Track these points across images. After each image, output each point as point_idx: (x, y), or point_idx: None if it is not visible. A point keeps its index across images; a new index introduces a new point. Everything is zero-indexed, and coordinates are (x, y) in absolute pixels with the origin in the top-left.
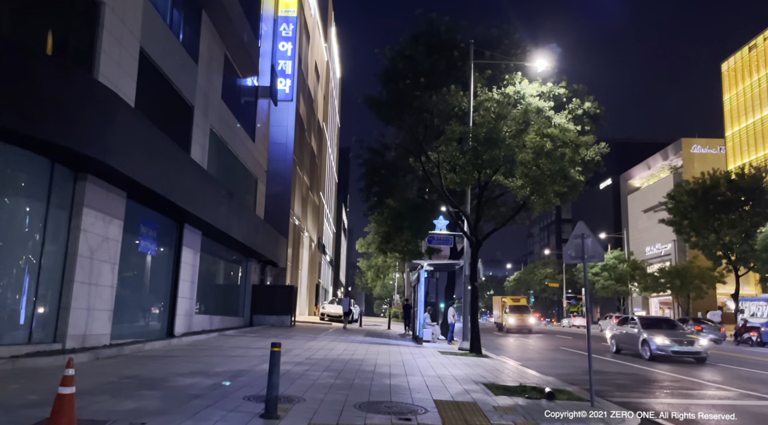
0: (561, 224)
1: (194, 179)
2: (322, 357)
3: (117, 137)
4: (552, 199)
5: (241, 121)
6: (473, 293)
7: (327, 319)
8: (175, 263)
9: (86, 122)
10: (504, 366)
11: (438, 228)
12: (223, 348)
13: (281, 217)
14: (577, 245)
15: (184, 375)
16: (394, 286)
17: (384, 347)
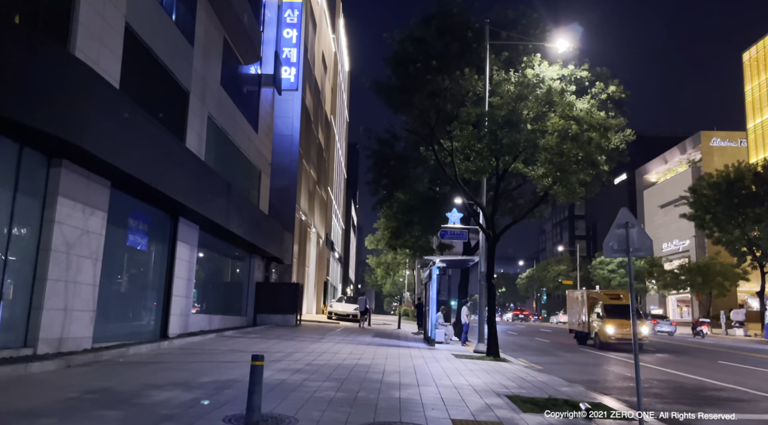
0: (574, 221)
1: (189, 169)
2: (325, 362)
3: (95, 119)
4: (577, 188)
5: (242, 110)
6: (490, 290)
7: (335, 318)
8: (169, 260)
9: (59, 100)
10: (525, 372)
11: (451, 222)
12: (217, 351)
13: (286, 212)
14: (620, 236)
15: (161, 387)
16: (404, 283)
17: (394, 349)
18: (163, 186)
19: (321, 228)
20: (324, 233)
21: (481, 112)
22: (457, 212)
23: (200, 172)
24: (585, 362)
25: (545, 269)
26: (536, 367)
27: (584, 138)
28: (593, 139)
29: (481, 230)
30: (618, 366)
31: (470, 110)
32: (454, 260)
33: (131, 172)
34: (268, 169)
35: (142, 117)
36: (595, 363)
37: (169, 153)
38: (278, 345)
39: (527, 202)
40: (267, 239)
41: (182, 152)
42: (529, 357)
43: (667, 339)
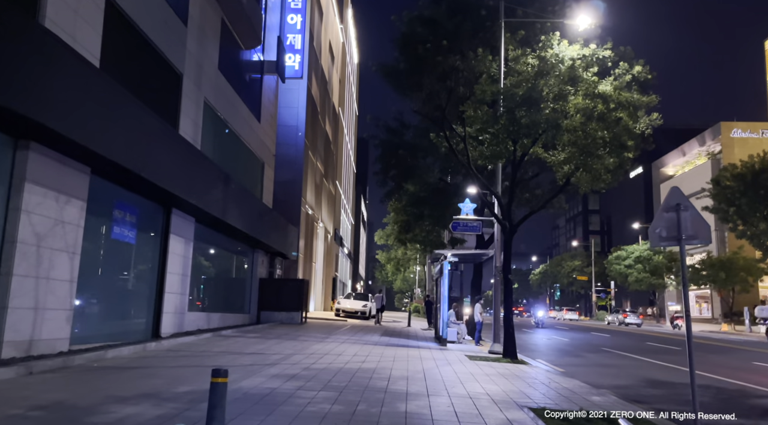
0: (588, 216)
1: (182, 157)
2: (326, 365)
3: (68, 98)
4: (602, 174)
5: (244, 98)
6: (506, 286)
7: (343, 315)
8: (161, 254)
9: (25, 74)
10: (547, 377)
11: (463, 213)
12: (209, 353)
13: (292, 205)
14: (669, 220)
15: (126, 399)
16: (415, 280)
17: (402, 350)
18: (151, 174)
19: (329, 223)
20: (332, 228)
21: (497, 90)
22: (470, 202)
23: (195, 160)
24: (608, 363)
25: (559, 265)
26: (558, 370)
27: (612, 118)
28: (622, 119)
29: (496, 221)
30: (643, 369)
31: (485, 87)
32: (467, 255)
33: (112, 158)
34: (272, 160)
35: (125, 99)
36: (619, 364)
37: (159, 139)
38: (277, 346)
39: (545, 192)
40: (270, 233)
41: (174, 138)
42: (549, 358)
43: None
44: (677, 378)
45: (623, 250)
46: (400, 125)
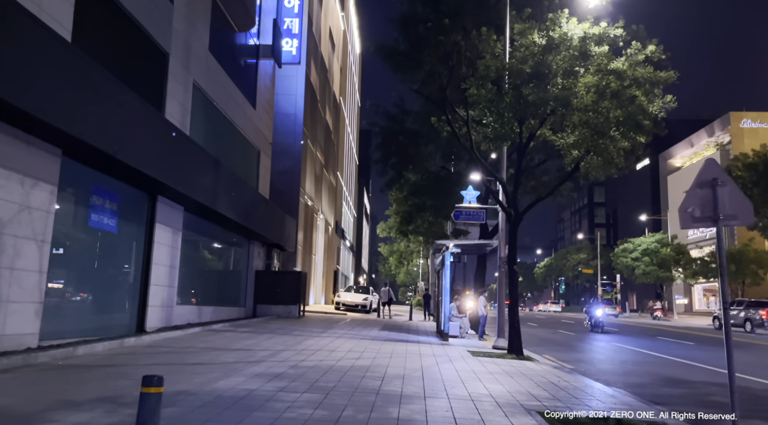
0: (594, 208)
1: (167, 141)
2: (316, 363)
3: (30, 72)
4: (615, 158)
5: (238, 83)
6: (512, 278)
7: (343, 309)
8: (146, 244)
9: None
10: (555, 374)
11: (466, 201)
12: (192, 349)
13: (290, 196)
14: (704, 198)
15: (79, 405)
16: (418, 273)
17: (401, 345)
18: (129, 158)
19: (330, 215)
20: (333, 220)
21: (502, 65)
22: (473, 189)
23: (182, 146)
24: (618, 358)
25: (564, 258)
26: (566, 366)
27: (626, 95)
28: (637, 97)
29: (501, 209)
30: (656, 365)
31: (489, 62)
32: (470, 245)
33: (84, 138)
34: (268, 149)
35: (100, 76)
36: (630, 359)
37: (139, 121)
38: (268, 341)
39: (552, 179)
40: (266, 224)
41: (157, 120)
42: (556, 354)
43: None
44: (695, 376)
45: (630, 242)
46: (401, 111)
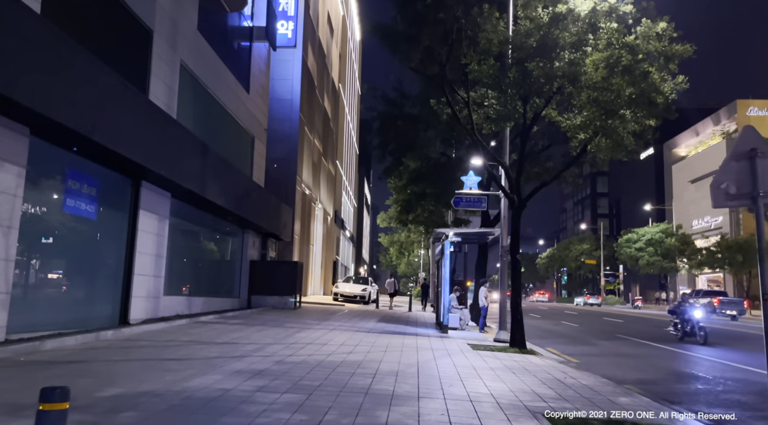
0: (597, 199)
1: (150, 123)
2: (304, 358)
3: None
4: (625, 140)
5: (230, 65)
6: (514, 267)
7: (341, 300)
8: (129, 232)
9: None
10: (561, 370)
11: (467, 187)
12: (173, 344)
13: (286, 184)
14: (741, 171)
15: (22, 410)
16: (419, 264)
17: (397, 338)
18: (108, 140)
19: (328, 204)
20: (332, 210)
21: (505, 38)
22: (474, 175)
23: (166, 128)
24: (625, 352)
25: (567, 249)
26: (572, 361)
27: (639, 70)
28: (650, 73)
29: (503, 195)
30: (665, 359)
31: (491, 35)
32: (471, 234)
33: (52, 116)
34: (263, 135)
35: (73, 51)
36: (638, 353)
37: (117, 100)
38: (257, 334)
39: (557, 165)
40: (260, 213)
41: (138, 101)
42: (560, 347)
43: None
44: (706, 371)
45: (634, 233)
46: (400, 95)
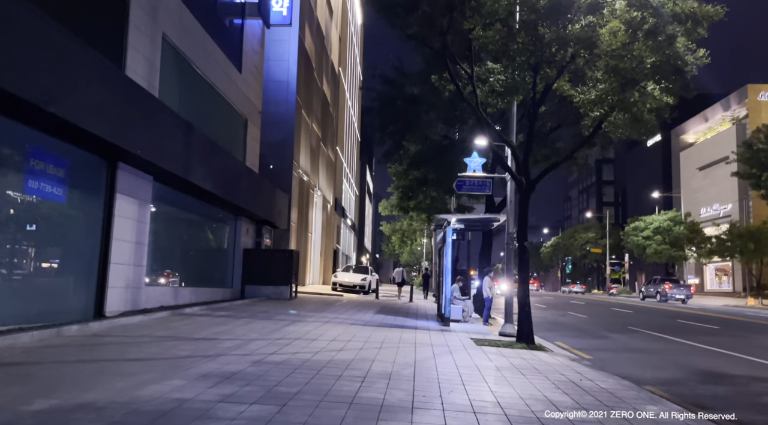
0: (602, 186)
1: (123, 98)
2: (288, 357)
3: None
4: (645, 115)
5: (220, 42)
6: (522, 256)
7: (340, 289)
8: (105, 217)
9: None
10: (574, 370)
11: (470, 169)
12: (144, 339)
13: (282, 169)
14: None
15: None
16: (422, 253)
17: (395, 332)
18: (71, 114)
19: (328, 192)
20: (332, 197)
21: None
22: (478, 156)
23: (143, 105)
24: (640, 347)
25: (572, 237)
26: (584, 357)
27: (665, 34)
28: (677, 37)
29: (510, 178)
30: (686, 354)
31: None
32: (474, 220)
33: (6, 86)
34: (257, 118)
35: (21, 11)
36: (654, 348)
37: (85, 72)
38: (241, 328)
39: (568, 146)
40: (254, 199)
41: (109, 73)
42: (570, 341)
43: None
44: (734, 369)
45: (641, 221)
46: (400, 74)
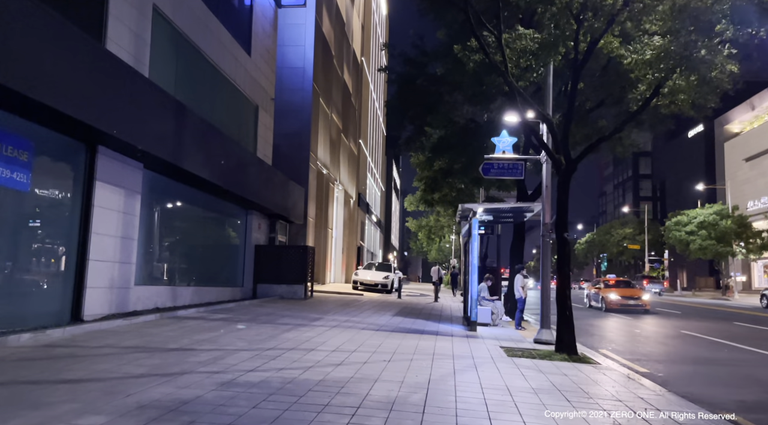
0: (639, 180)
1: (98, 72)
2: (269, 375)
3: None
4: (715, 76)
5: (224, 20)
6: (561, 250)
7: (361, 288)
8: (83, 208)
9: None
10: (634, 392)
11: (499, 150)
12: (100, 353)
13: (298, 161)
14: None
15: None
16: (451, 250)
17: (412, 339)
18: (22, 86)
19: (350, 186)
20: (355, 192)
21: None
22: (508, 135)
23: (124, 81)
24: (703, 356)
25: (608, 233)
26: (640, 371)
27: None
28: None
29: (547, 157)
30: (757, 365)
31: None
32: (504, 210)
33: None
34: (269, 105)
35: None
36: (721, 359)
37: (44, 38)
38: (231, 335)
39: (611, 124)
40: (263, 190)
41: (80, 43)
42: (615, 348)
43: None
44: None
45: (684, 215)
46: (420, 53)
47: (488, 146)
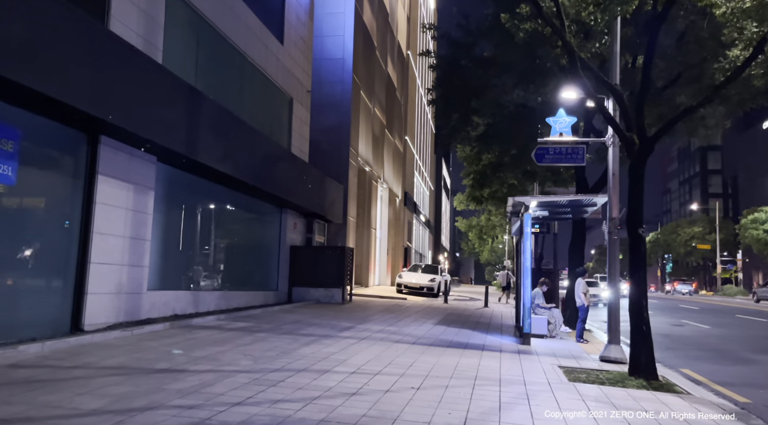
0: (708, 176)
1: (98, 53)
2: (256, 412)
3: None
4: None
5: (253, 6)
6: (636, 249)
7: (405, 291)
8: (84, 205)
9: None
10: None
11: (555, 133)
12: (73, 375)
13: (337, 157)
14: None
15: None
16: (504, 250)
17: (451, 356)
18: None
19: (396, 185)
20: (401, 191)
21: None
22: (566, 115)
23: (129, 64)
24: None
25: (674, 232)
26: (740, 403)
27: None
28: None
29: (616, 137)
30: None
31: None
32: (561, 204)
33: None
34: (305, 98)
35: None
36: None
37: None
38: (237, 350)
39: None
40: (298, 188)
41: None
42: (703, 367)
43: None
44: None
45: (762, 211)
46: (465, 33)
47: (543, 132)
